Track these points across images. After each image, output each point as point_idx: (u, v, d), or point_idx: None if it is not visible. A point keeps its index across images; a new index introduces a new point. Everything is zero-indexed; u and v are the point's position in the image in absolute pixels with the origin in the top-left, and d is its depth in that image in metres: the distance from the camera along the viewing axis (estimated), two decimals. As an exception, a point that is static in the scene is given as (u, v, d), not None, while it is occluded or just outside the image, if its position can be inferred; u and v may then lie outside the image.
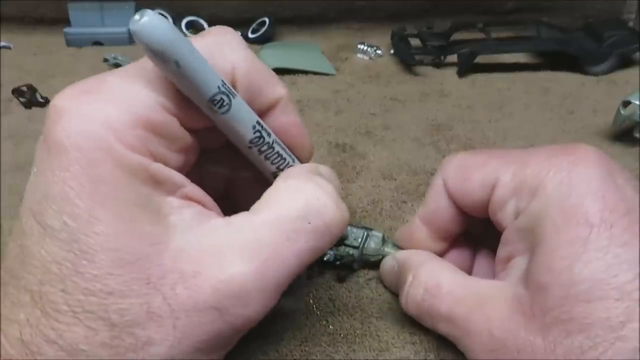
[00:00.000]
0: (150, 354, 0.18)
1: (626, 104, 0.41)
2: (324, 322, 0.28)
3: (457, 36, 0.59)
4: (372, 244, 0.30)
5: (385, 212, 0.36)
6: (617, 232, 0.20)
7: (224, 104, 0.20)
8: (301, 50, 0.60)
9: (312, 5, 0.71)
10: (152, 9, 0.18)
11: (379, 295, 0.29)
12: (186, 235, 0.19)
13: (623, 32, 0.57)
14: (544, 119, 0.48)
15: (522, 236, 0.23)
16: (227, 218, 0.21)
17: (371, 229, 0.31)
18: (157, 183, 0.19)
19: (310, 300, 0.29)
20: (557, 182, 0.21)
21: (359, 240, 0.30)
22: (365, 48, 0.60)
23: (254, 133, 0.22)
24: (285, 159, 0.24)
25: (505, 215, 0.24)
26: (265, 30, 0.62)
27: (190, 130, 0.21)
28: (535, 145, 0.38)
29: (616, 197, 0.20)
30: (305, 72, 0.55)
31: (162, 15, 0.24)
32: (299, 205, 0.21)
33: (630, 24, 0.64)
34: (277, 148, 0.24)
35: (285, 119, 0.24)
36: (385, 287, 0.30)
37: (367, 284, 0.30)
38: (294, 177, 0.23)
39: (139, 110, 0.19)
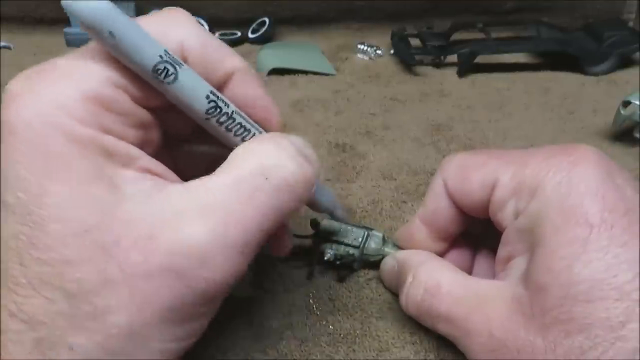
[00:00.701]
0: (111, 323, 0.18)
1: (626, 104, 0.42)
2: (324, 322, 0.28)
3: (457, 36, 0.59)
4: (373, 244, 0.30)
5: (385, 212, 0.36)
6: (616, 232, 0.20)
7: (169, 73, 0.20)
8: (301, 50, 0.60)
9: (311, 5, 0.72)
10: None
11: (379, 295, 0.29)
12: (141, 203, 0.19)
13: (623, 32, 0.57)
14: (543, 119, 0.48)
15: (521, 236, 0.23)
16: (184, 183, 0.20)
17: (371, 229, 0.31)
18: (110, 155, 0.19)
19: (310, 300, 0.29)
20: (556, 182, 0.21)
21: (359, 240, 0.30)
22: (365, 48, 0.60)
23: (209, 103, 0.22)
24: (249, 130, 0.23)
25: (505, 216, 0.24)
26: (265, 30, 0.62)
27: (147, 107, 0.21)
28: (535, 146, 0.37)
29: (616, 197, 0.20)
30: (305, 72, 0.55)
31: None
32: (255, 163, 0.21)
33: (630, 24, 0.64)
34: (238, 119, 0.23)
35: (245, 90, 0.24)
36: (385, 287, 0.30)
37: (367, 284, 0.30)
38: (254, 141, 0.23)
39: (88, 86, 0.19)
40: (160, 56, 0.20)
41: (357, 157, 0.42)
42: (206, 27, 0.62)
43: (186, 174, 0.22)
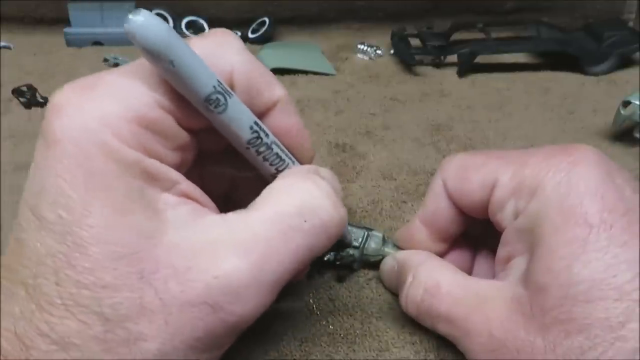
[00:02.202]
0: (143, 350, 0.18)
1: (626, 104, 0.42)
2: (324, 322, 0.28)
3: (457, 36, 0.59)
4: (373, 244, 0.30)
5: (385, 212, 0.36)
6: (616, 233, 0.20)
7: (220, 103, 0.20)
8: (301, 50, 0.60)
9: (311, 5, 0.71)
10: (152, 9, 0.19)
11: (379, 295, 0.29)
12: (180, 230, 0.19)
13: (623, 32, 0.57)
14: (543, 119, 0.48)
15: (521, 236, 0.23)
16: (222, 215, 0.21)
17: (371, 229, 0.31)
18: (152, 178, 0.19)
19: (310, 300, 0.29)
20: (556, 182, 0.21)
21: (360, 240, 0.30)
22: (365, 48, 0.60)
23: (252, 133, 0.22)
24: (284, 160, 0.24)
25: (504, 216, 0.24)
26: (265, 30, 0.62)
27: (188, 130, 0.21)
28: (535, 146, 0.38)
29: (615, 198, 0.20)
30: (305, 72, 0.55)
31: (160, 15, 0.24)
32: (295, 202, 0.21)
33: (630, 24, 0.63)
34: (275, 149, 0.24)
35: (285, 120, 0.24)
36: (385, 287, 0.30)
37: (367, 284, 0.30)
38: (292, 176, 0.23)
39: (135, 107, 0.19)
40: (214, 87, 0.20)
41: (357, 157, 0.42)
42: (206, 27, 0.62)
43: (209, 191, 0.22)
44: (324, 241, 0.21)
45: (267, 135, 0.23)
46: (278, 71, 0.54)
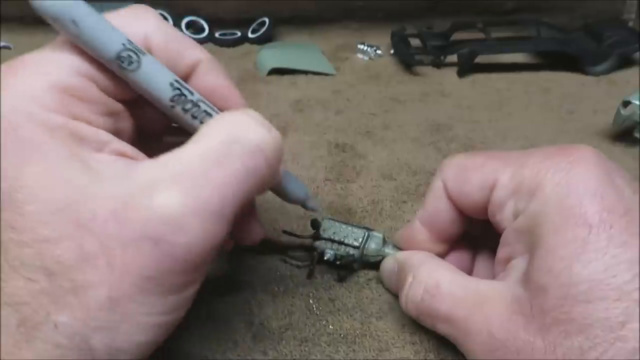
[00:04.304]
0: (91, 297, 0.18)
1: (626, 104, 0.42)
2: (324, 322, 0.28)
3: (457, 36, 0.59)
4: (373, 245, 0.30)
5: (385, 212, 0.36)
6: (615, 233, 0.20)
7: (132, 60, 0.21)
8: (301, 50, 0.60)
9: (311, 5, 0.71)
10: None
11: (379, 295, 0.29)
12: (116, 180, 0.19)
13: (623, 32, 0.57)
14: (543, 119, 0.48)
15: (521, 237, 0.23)
16: (155, 158, 0.20)
17: (372, 230, 0.31)
18: (81, 140, 0.20)
19: (310, 300, 0.29)
20: (555, 182, 0.21)
21: (360, 240, 0.30)
22: (365, 48, 0.60)
23: (173, 90, 0.22)
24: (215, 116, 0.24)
25: (504, 216, 0.24)
26: (265, 30, 0.62)
27: (119, 98, 0.22)
28: (535, 146, 0.37)
29: (615, 198, 0.20)
30: (305, 72, 0.55)
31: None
32: (226, 130, 0.21)
33: (630, 24, 0.64)
34: (203, 106, 0.23)
35: (210, 80, 0.24)
36: (385, 287, 0.30)
37: (367, 284, 0.30)
38: (221, 114, 0.23)
39: (55, 77, 0.20)
40: (123, 44, 0.21)
41: (357, 157, 0.42)
42: (206, 27, 0.62)
43: None
44: (261, 164, 0.21)
45: (191, 93, 0.23)
46: (278, 71, 0.54)
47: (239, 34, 0.63)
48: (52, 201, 0.18)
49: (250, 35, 0.62)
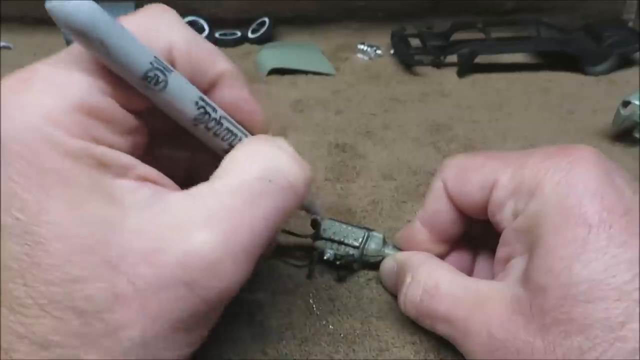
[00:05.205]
0: (125, 338, 0.17)
1: (626, 104, 0.42)
2: (324, 322, 0.28)
3: (457, 36, 0.59)
4: (373, 245, 0.30)
5: (385, 212, 0.36)
6: (615, 233, 0.20)
7: (159, 80, 0.19)
8: (301, 50, 0.60)
9: (311, 5, 0.71)
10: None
11: (379, 295, 0.29)
12: (143, 213, 0.18)
13: (623, 32, 0.57)
14: (543, 119, 0.48)
15: (520, 237, 0.23)
16: (186, 191, 0.20)
17: (372, 230, 0.31)
18: (105, 166, 0.19)
19: (310, 300, 0.29)
20: (555, 182, 0.21)
21: (360, 240, 0.30)
22: (365, 48, 0.60)
23: (198, 109, 0.21)
24: (236, 135, 0.23)
25: (504, 216, 0.24)
26: (265, 30, 0.62)
27: (134, 112, 0.21)
28: (535, 146, 0.38)
29: (614, 198, 0.20)
30: (305, 72, 0.55)
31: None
32: (258, 166, 0.20)
33: (630, 24, 0.64)
34: (226, 124, 0.23)
35: (232, 93, 0.24)
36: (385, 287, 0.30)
37: (367, 284, 0.30)
38: (252, 142, 0.22)
39: (74, 95, 0.18)
40: (151, 63, 0.19)
41: (357, 157, 0.42)
42: (206, 27, 0.62)
43: (168, 176, 0.21)
44: (292, 200, 0.21)
45: (214, 110, 0.22)
46: (278, 71, 0.54)
47: (239, 34, 0.63)
48: (79, 239, 0.17)
49: (250, 35, 0.62)
